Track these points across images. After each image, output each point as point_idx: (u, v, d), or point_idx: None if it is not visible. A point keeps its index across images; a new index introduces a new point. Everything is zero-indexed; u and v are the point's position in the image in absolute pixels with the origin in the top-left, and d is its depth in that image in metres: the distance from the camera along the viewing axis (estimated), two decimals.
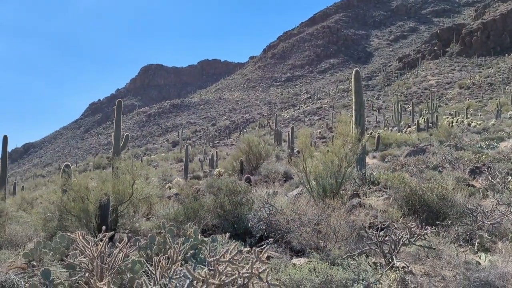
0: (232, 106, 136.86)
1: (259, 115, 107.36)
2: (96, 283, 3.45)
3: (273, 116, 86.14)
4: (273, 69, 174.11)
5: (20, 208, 21.03)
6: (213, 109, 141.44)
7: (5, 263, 9.23)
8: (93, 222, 11.32)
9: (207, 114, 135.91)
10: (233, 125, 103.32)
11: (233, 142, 72.49)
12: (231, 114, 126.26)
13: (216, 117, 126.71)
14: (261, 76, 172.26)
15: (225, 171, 30.06)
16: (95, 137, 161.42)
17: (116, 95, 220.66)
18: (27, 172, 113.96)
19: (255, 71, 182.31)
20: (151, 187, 13.35)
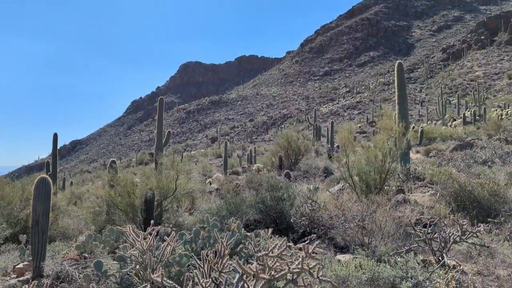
0: (269, 102, 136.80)
1: (296, 110, 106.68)
2: (150, 275, 3.55)
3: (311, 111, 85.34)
4: (310, 63, 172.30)
5: (70, 203, 22.03)
6: (250, 105, 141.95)
7: (59, 255, 9.71)
8: (139, 216, 11.68)
9: (244, 110, 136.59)
10: (270, 121, 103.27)
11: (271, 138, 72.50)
12: (268, 109, 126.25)
13: (253, 113, 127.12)
14: (298, 70, 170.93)
15: (264, 166, 30.17)
16: (137, 133, 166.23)
17: (157, 92, 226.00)
18: (74, 168, 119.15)
19: (292, 66, 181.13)
20: (194, 182, 13.62)
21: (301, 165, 24.45)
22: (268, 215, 10.51)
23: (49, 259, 8.57)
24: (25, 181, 17.30)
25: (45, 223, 8.23)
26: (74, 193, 25.46)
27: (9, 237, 11.51)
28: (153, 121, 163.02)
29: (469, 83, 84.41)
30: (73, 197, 24.75)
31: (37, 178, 8.55)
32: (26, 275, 8.16)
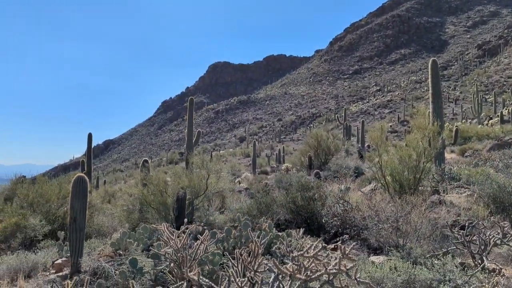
0: (298, 101, 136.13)
1: (325, 109, 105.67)
2: (187, 273, 3.59)
3: (340, 110, 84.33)
4: (340, 62, 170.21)
5: (104, 201, 22.65)
6: (279, 105, 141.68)
7: (95, 251, 9.98)
8: (171, 214, 11.86)
9: (273, 110, 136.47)
10: (299, 120, 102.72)
11: (300, 137, 72.11)
12: (297, 109, 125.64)
13: (282, 112, 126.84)
14: (327, 69, 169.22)
15: (293, 166, 30.03)
16: (168, 133, 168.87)
17: (186, 93, 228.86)
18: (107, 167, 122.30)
19: (321, 64, 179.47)
20: (224, 182, 13.71)
21: (331, 165, 24.17)
22: (299, 215, 10.45)
23: (86, 255, 8.81)
24: (62, 179, 17.88)
25: (82, 221, 8.48)
26: (108, 192, 26.15)
27: (48, 234, 11.93)
28: (182, 121, 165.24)
29: (506, 80, 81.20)
30: (106, 195, 25.43)
31: (75, 177, 8.82)
32: (65, 270, 8.43)
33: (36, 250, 10.18)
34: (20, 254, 9.32)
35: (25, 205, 14.37)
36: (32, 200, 14.44)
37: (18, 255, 9.23)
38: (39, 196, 14.51)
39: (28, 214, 12.83)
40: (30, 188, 15.07)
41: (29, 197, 14.59)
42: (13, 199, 15.88)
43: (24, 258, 8.92)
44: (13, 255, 9.33)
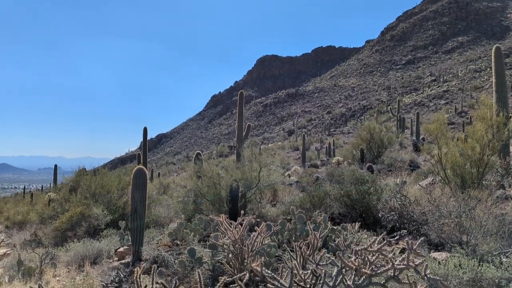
0: (348, 93, 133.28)
1: (377, 101, 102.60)
2: (250, 264, 3.63)
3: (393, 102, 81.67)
4: (392, 52, 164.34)
5: (159, 192, 23.45)
6: (328, 97, 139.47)
7: (153, 241, 10.37)
8: (225, 206, 12.05)
9: (322, 102, 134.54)
10: (349, 113, 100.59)
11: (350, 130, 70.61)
12: (347, 101, 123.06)
13: (331, 105, 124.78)
14: (379, 60, 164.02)
15: (344, 159, 29.48)
16: (217, 127, 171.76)
17: (235, 87, 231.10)
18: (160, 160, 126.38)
19: (372, 55, 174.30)
20: (276, 175, 13.73)
21: (384, 158, 23.52)
22: (353, 209, 10.26)
23: (146, 244, 9.18)
24: (120, 172, 18.69)
25: (142, 211, 8.83)
26: (162, 184, 27.03)
27: (109, 223, 12.56)
28: (231, 115, 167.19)
29: None
30: (161, 187, 26.27)
31: (135, 169, 9.18)
32: (127, 258, 8.83)
33: (100, 238, 10.75)
34: (86, 241, 9.88)
35: (88, 195, 15.21)
36: (94, 191, 15.25)
37: (84, 242, 9.79)
38: (100, 187, 15.29)
39: (91, 204, 13.57)
40: (92, 180, 15.92)
41: (92, 188, 15.42)
42: (77, 190, 16.85)
43: (89, 246, 9.45)
44: (80, 243, 9.91)
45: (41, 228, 14.99)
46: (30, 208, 22.88)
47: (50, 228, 13.53)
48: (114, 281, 6.48)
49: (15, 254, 9.99)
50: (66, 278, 8.16)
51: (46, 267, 8.55)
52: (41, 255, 8.86)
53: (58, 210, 15.79)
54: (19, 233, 16.79)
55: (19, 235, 15.63)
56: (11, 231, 18.66)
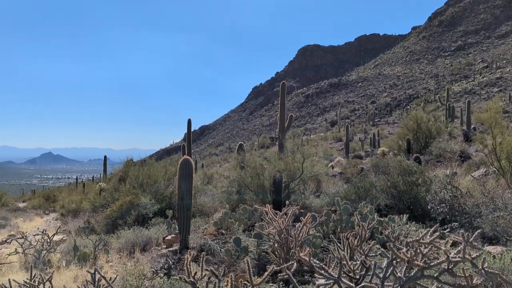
0: (393, 82, 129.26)
1: (424, 90, 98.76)
2: (298, 254, 3.62)
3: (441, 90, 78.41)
4: (440, 38, 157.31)
5: (203, 183, 23.92)
6: (372, 86, 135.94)
7: (199, 229, 10.61)
8: (268, 197, 12.11)
9: (365, 92, 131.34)
10: (394, 102, 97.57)
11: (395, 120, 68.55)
12: (392, 90, 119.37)
13: (375, 95, 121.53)
14: (426, 47, 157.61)
15: (390, 150, 28.69)
16: (258, 118, 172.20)
17: (276, 78, 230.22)
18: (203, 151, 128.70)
19: (418, 42, 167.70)
20: (320, 166, 13.61)
21: (433, 149, 22.67)
22: (400, 200, 9.99)
23: (192, 233, 9.41)
24: (166, 162, 19.20)
25: (189, 200, 9.04)
26: (206, 174, 27.54)
27: (157, 212, 12.97)
28: (272, 106, 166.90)
29: None
30: (205, 177, 26.79)
31: (181, 159, 9.40)
32: (174, 246, 9.10)
33: (148, 227, 11.13)
34: (135, 229, 10.27)
35: (136, 185, 15.76)
36: (142, 181, 15.78)
37: (134, 230, 10.18)
38: (147, 177, 15.80)
39: (140, 193, 14.06)
40: (140, 170, 16.47)
41: (140, 178, 15.96)
42: (126, 180, 17.50)
43: (139, 233, 9.81)
44: (130, 231, 10.31)
45: (93, 216, 15.72)
46: (83, 197, 24.04)
47: (101, 216, 14.16)
48: (164, 268, 6.70)
49: (70, 240, 10.55)
50: (118, 263, 8.53)
51: (99, 253, 8.97)
52: (94, 241, 9.30)
53: (108, 199, 16.49)
54: (73, 220, 17.72)
55: (73, 222, 16.49)
56: (66, 219, 19.72)
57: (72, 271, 7.66)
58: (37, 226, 19.52)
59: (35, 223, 21.51)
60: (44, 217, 25.58)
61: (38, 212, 29.19)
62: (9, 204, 31.53)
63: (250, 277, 3.30)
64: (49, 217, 25.50)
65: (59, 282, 6.33)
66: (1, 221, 20.28)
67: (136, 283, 6.12)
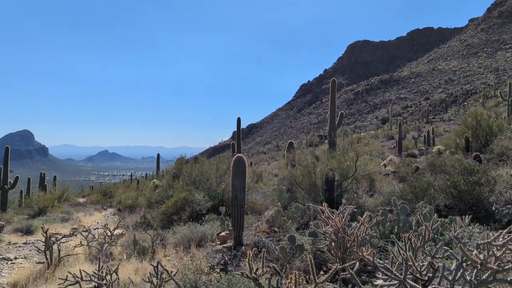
0: (448, 77, 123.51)
1: (483, 85, 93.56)
2: (362, 253, 3.56)
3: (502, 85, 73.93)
4: (500, 30, 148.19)
5: (252, 180, 24.12)
6: (425, 82, 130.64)
7: (252, 227, 10.71)
8: (320, 195, 12.00)
9: (418, 88, 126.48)
10: (450, 98, 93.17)
11: (451, 117, 65.50)
12: (447, 85, 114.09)
13: (429, 91, 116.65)
14: (484, 40, 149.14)
15: (446, 148, 27.52)
16: (306, 116, 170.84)
17: (324, 75, 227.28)
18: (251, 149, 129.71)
19: (476, 35, 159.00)
20: (373, 164, 13.29)
21: (494, 147, 21.45)
22: (461, 201, 9.54)
23: (245, 230, 9.51)
24: (217, 160, 19.53)
25: (242, 197, 9.15)
26: (256, 172, 27.72)
27: (210, 208, 13.24)
28: (321, 104, 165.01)
29: None
30: (254, 175, 26.97)
31: (234, 157, 9.52)
32: (228, 242, 9.24)
33: (202, 223, 11.39)
34: (190, 225, 10.54)
35: (189, 182, 16.18)
36: (194, 178, 16.17)
37: (189, 226, 10.46)
38: (200, 174, 16.17)
39: (193, 190, 14.42)
40: (193, 168, 16.89)
41: (192, 175, 16.37)
42: (179, 176, 18.02)
43: (194, 229, 10.07)
44: (185, 226, 10.61)
45: (149, 212, 16.32)
46: (138, 193, 25.03)
47: (157, 212, 14.66)
48: (220, 263, 6.83)
49: (130, 234, 11.03)
50: (175, 258, 8.80)
51: (157, 247, 9.30)
52: (152, 236, 9.65)
53: (163, 196, 17.07)
54: (130, 215, 18.48)
55: (130, 217, 17.20)
56: (123, 214, 20.60)
57: (133, 264, 8.00)
58: (97, 221, 20.56)
59: (95, 217, 22.66)
60: (103, 212, 26.90)
61: (96, 207, 30.74)
62: (71, 199, 33.44)
63: (313, 274, 3.29)
64: (106, 212, 26.78)
65: (123, 274, 6.63)
66: (64, 215, 21.54)
67: (194, 278, 6.28)
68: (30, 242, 13.28)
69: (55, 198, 26.23)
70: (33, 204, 24.06)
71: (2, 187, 24.15)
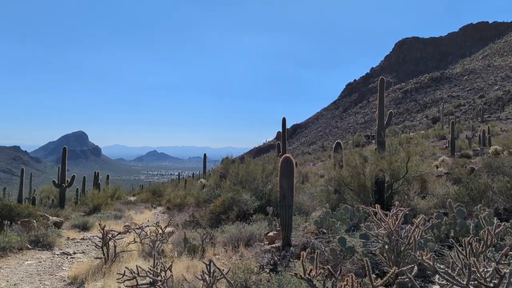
0: (505, 74, 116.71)
1: None
2: (422, 256, 3.44)
3: None
4: None
5: (298, 181, 23.99)
6: (480, 79, 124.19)
7: (299, 227, 10.65)
8: (370, 197, 11.73)
9: (472, 86, 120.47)
10: (507, 96, 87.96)
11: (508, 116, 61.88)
12: (504, 83, 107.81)
13: (484, 88, 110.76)
14: None
15: (504, 148, 26.10)
16: (353, 116, 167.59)
17: (371, 73, 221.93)
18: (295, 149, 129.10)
19: None
20: (425, 165, 12.81)
21: None
22: None
23: (293, 230, 9.47)
24: (264, 160, 19.60)
25: (290, 198, 9.11)
26: (301, 173, 27.54)
27: (257, 208, 13.31)
28: (367, 103, 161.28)
29: None
30: (300, 176, 26.81)
31: (282, 157, 9.50)
32: (277, 243, 9.25)
33: (250, 223, 11.47)
34: (238, 225, 10.65)
35: (236, 182, 16.35)
36: (241, 178, 16.32)
37: (237, 226, 10.57)
38: (246, 174, 16.30)
39: (240, 190, 14.56)
40: (239, 168, 17.05)
41: (239, 175, 16.53)
42: (226, 176, 18.26)
43: (242, 229, 10.16)
44: (233, 226, 10.73)
45: (197, 211, 16.65)
46: (186, 192, 25.61)
47: (205, 211, 14.94)
48: (270, 263, 6.85)
49: (180, 232, 11.31)
50: (224, 257, 8.92)
51: (206, 246, 9.47)
52: (201, 234, 9.83)
53: (210, 195, 17.36)
54: (179, 214, 18.95)
55: (179, 216, 17.63)
56: (172, 212, 21.17)
57: (184, 262, 8.19)
58: (147, 219, 21.25)
59: (145, 215, 23.44)
60: (152, 210, 27.78)
61: (146, 205, 31.79)
62: (122, 197, 34.81)
63: (370, 278, 3.21)
64: (156, 210, 27.63)
65: (175, 271, 6.81)
66: (117, 213, 22.46)
67: (244, 277, 6.34)
68: (87, 238, 13.96)
69: (108, 196, 27.41)
70: (88, 201, 25.27)
71: (60, 185, 25.54)
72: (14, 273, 8.61)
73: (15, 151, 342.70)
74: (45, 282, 7.98)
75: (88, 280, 7.65)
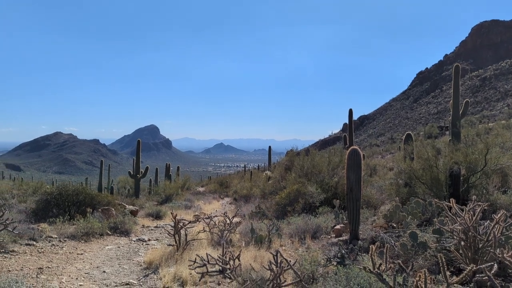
0: None
1: None
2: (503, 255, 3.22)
3: None
4: None
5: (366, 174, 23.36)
6: None
7: (367, 221, 10.41)
8: (443, 191, 11.13)
9: None
10: None
11: None
12: None
13: None
14: None
15: None
16: (424, 106, 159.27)
17: (444, 61, 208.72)
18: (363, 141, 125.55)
19: None
20: (507, 157, 11.88)
21: None
22: None
23: (361, 224, 9.28)
24: (329, 152, 19.34)
25: (357, 191, 8.92)
26: (369, 165, 26.81)
27: (323, 201, 13.20)
28: (441, 92, 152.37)
29: None
30: (368, 169, 26.11)
31: (350, 150, 9.32)
32: (343, 236, 9.13)
33: (316, 215, 11.41)
34: (305, 217, 10.64)
35: (301, 174, 16.31)
36: (306, 170, 16.25)
37: (303, 218, 10.57)
38: (312, 167, 16.19)
39: (306, 182, 14.51)
40: (305, 160, 16.98)
41: (304, 167, 16.47)
42: (291, 169, 18.28)
43: (308, 221, 10.14)
44: (299, 217, 10.75)
45: (263, 202, 16.87)
46: (252, 184, 26.04)
47: (271, 202, 15.10)
48: (337, 256, 6.78)
49: (246, 222, 11.55)
50: (290, 248, 8.98)
51: (273, 237, 9.58)
52: (268, 225, 9.97)
53: (276, 187, 17.50)
54: (245, 205, 19.34)
55: (246, 207, 18.00)
56: (239, 203, 21.66)
57: (251, 252, 8.36)
58: (215, 209, 21.93)
59: (213, 205, 24.20)
60: (220, 201, 28.61)
61: (214, 196, 32.79)
62: (191, 188, 36.20)
63: (445, 274, 3.07)
64: (223, 201, 28.42)
65: (243, 261, 6.98)
66: (187, 203, 23.43)
67: (311, 269, 6.34)
68: (160, 226, 14.74)
69: (179, 186, 28.67)
70: (161, 192, 26.61)
71: (135, 176, 27.15)
72: (97, 257, 9.34)
73: (95, 144, 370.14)
74: (124, 266, 8.58)
75: (162, 266, 8.09)
